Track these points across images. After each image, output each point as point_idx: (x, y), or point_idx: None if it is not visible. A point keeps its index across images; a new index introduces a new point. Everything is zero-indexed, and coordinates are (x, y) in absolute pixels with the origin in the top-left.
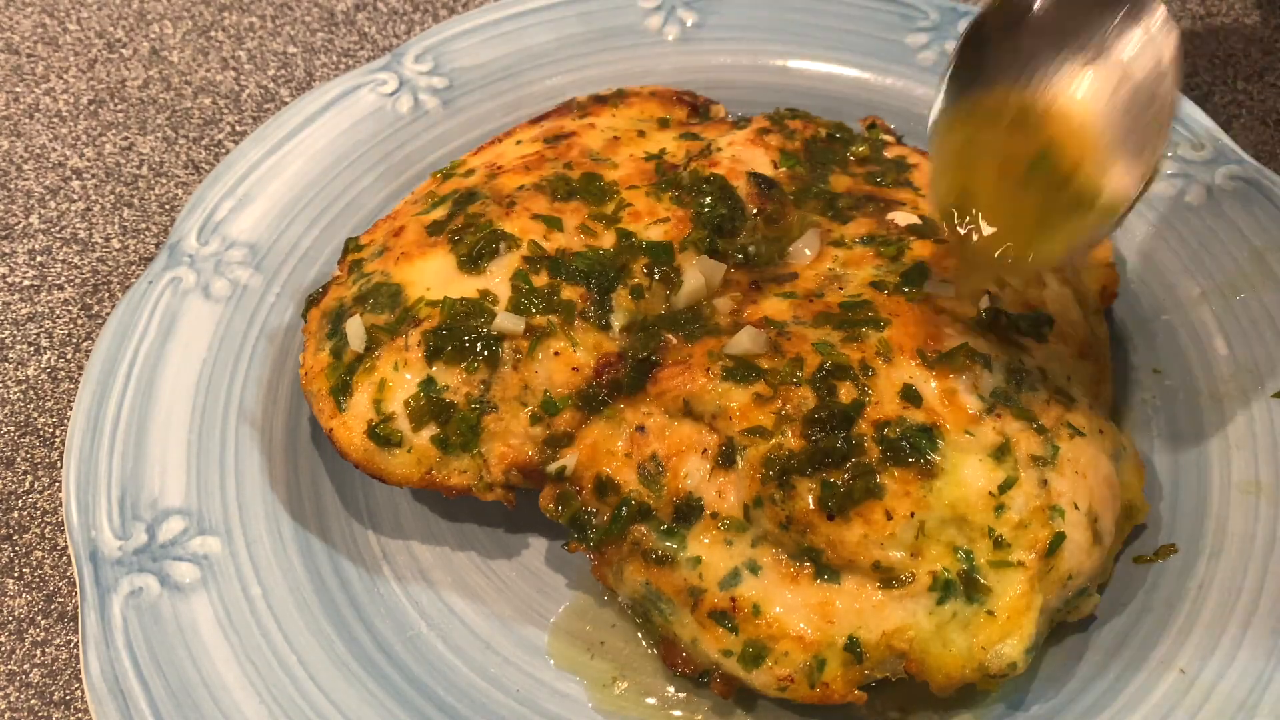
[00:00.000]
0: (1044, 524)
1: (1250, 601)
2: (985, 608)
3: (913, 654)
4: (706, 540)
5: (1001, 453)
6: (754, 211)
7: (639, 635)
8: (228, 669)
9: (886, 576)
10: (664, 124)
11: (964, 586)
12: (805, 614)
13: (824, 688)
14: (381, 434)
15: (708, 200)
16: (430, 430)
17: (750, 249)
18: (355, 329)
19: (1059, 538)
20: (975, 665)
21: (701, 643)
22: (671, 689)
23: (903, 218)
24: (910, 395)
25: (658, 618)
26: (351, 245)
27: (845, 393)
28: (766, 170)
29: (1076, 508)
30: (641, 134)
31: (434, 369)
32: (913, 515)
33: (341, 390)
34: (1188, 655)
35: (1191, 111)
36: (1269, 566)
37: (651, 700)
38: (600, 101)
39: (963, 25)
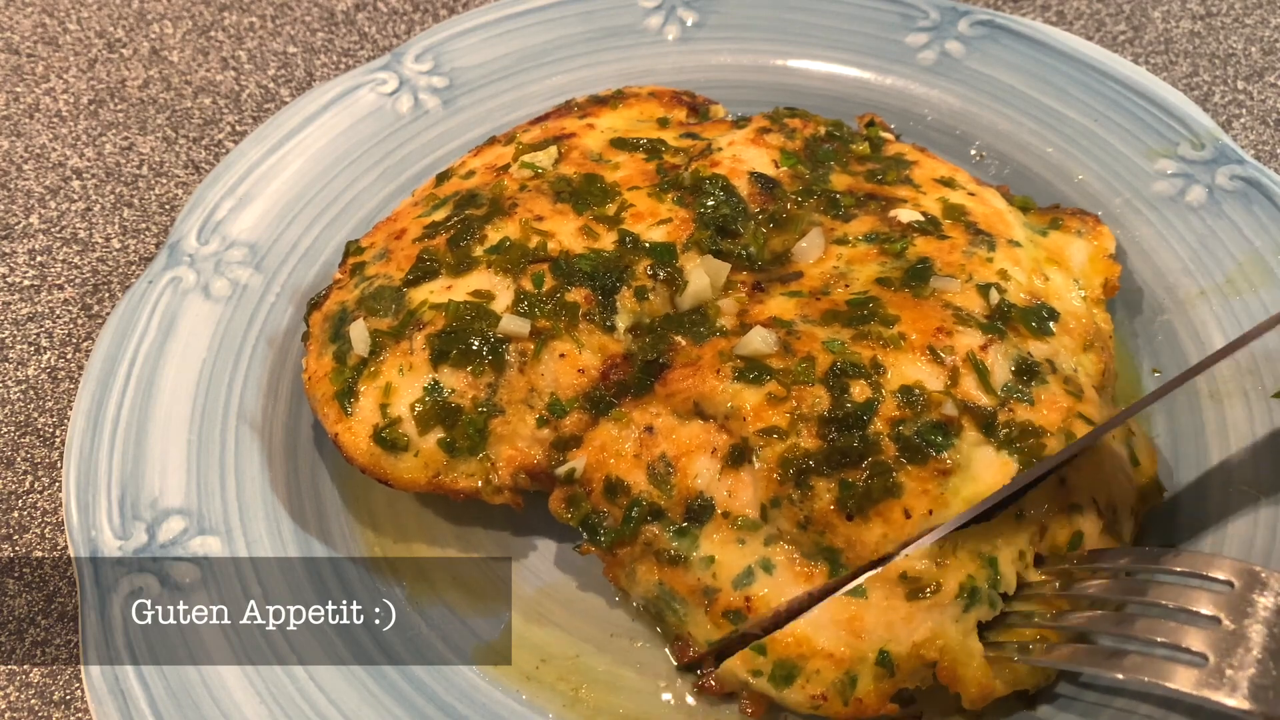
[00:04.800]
0: (1064, 524)
1: None
2: (1011, 614)
3: (944, 663)
4: (718, 539)
5: (1017, 446)
6: (756, 211)
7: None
8: (228, 669)
9: (913, 587)
10: (663, 124)
11: (988, 593)
12: (834, 630)
13: (858, 703)
14: (388, 438)
15: (710, 201)
16: (437, 434)
17: (753, 249)
18: (359, 333)
19: (1077, 537)
20: (1010, 677)
21: (730, 663)
22: (639, 689)
23: (905, 215)
24: (923, 392)
25: (671, 618)
26: (352, 248)
27: (859, 391)
28: (767, 170)
29: (1095, 502)
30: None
31: (439, 372)
32: (931, 513)
33: (346, 395)
34: None
35: (1192, 111)
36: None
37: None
38: (599, 102)
39: (963, 25)
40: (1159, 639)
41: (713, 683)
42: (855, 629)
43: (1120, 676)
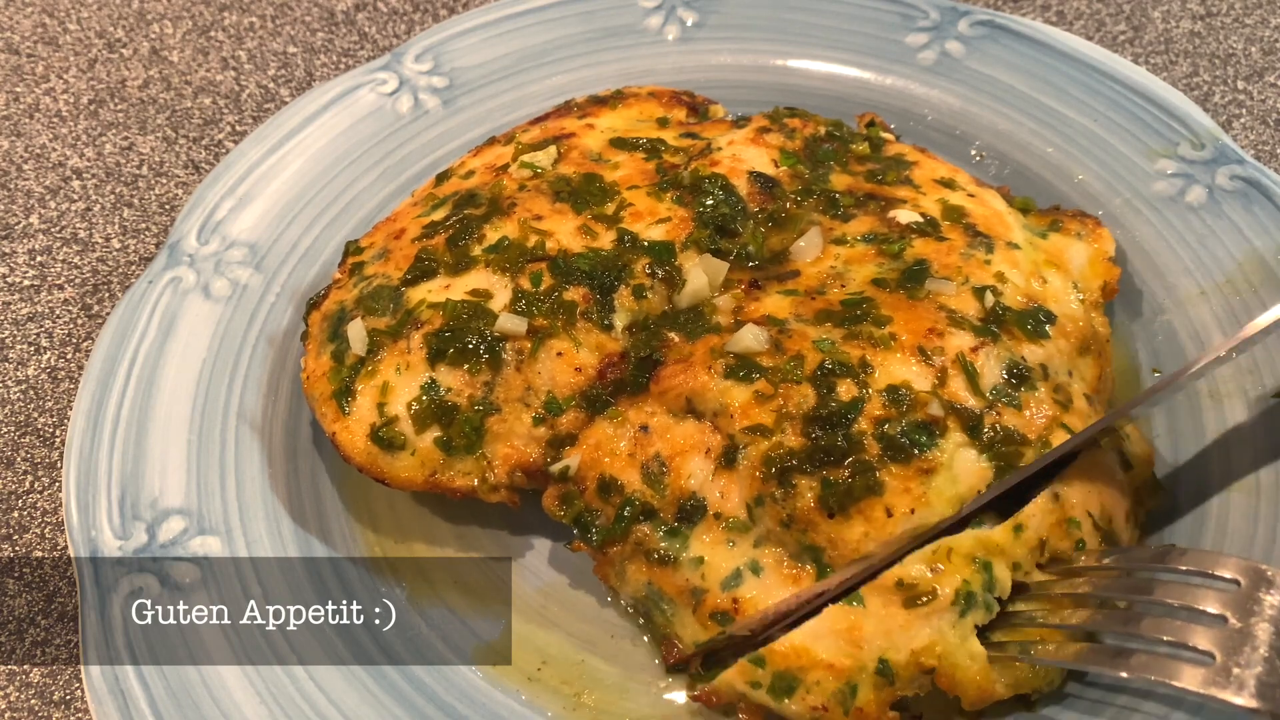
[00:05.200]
0: (1062, 537)
1: None
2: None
3: (942, 668)
4: (708, 540)
5: (996, 450)
6: (755, 210)
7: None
8: (228, 669)
9: (910, 595)
10: (663, 123)
11: (984, 597)
12: (833, 640)
13: (859, 713)
14: (385, 437)
15: (709, 200)
16: (434, 433)
17: (751, 248)
18: (357, 332)
19: (1080, 544)
20: (1011, 680)
21: (727, 675)
22: (640, 692)
23: (904, 215)
24: (910, 392)
25: (659, 617)
26: (352, 248)
27: (845, 390)
28: (767, 169)
29: (1090, 515)
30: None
31: (436, 371)
32: (913, 512)
33: (344, 394)
34: None
35: (1192, 111)
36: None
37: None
38: (599, 102)
39: (963, 25)
40: (1165, 638)
41: (712, 697)
42: (854, 638)
43: (1126, 675)
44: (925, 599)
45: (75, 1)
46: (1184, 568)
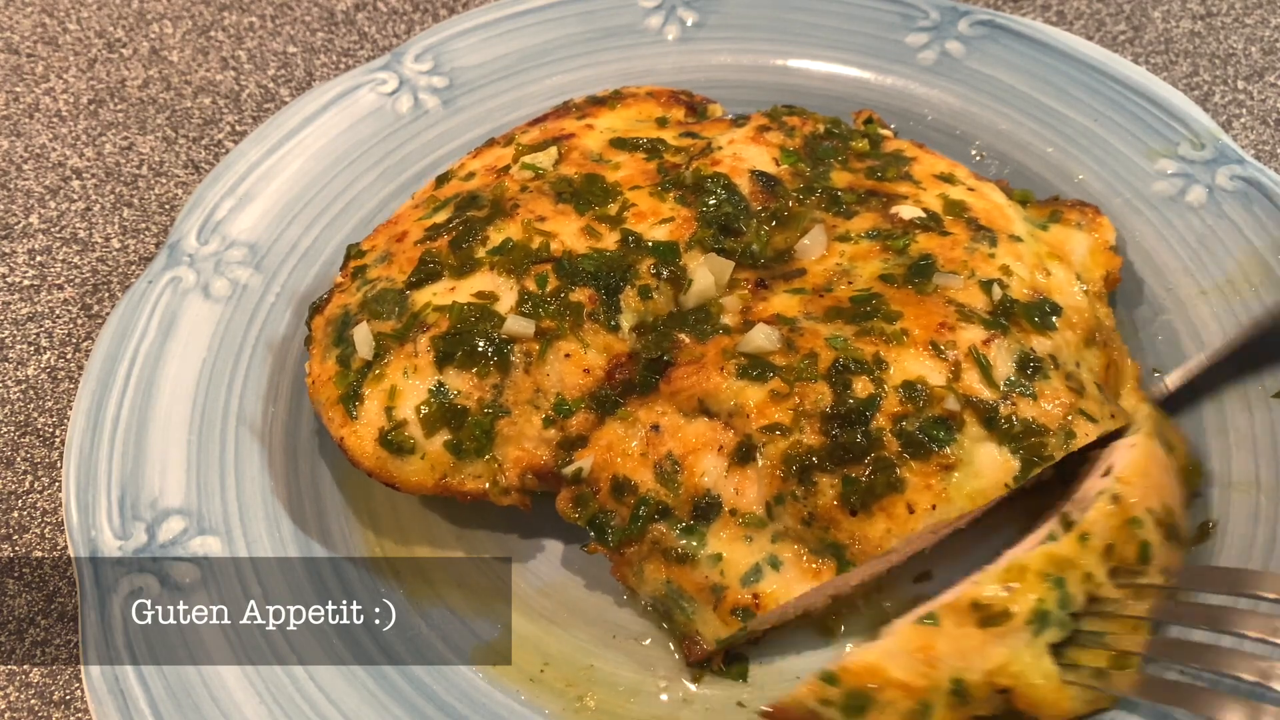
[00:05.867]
0: (1128, 539)
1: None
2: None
3: (1018, 688)
4: (725, 536)
5: (1018, 444)
6: (758, 209)
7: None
8: (228, 669)
9: (985, 615)
10: (662, 123)
11: (1058, 615)
12: (907, 659)
13: None
14: (394, 441)
15: (711, 199)
16: (443, 436)
17: (755, 247)
18: (363, 336)
19: (1145, 548)
20: (1089, 697)
21: (798, 692)
22: (646, 695)
23: (907, 211)
24: (926, 387)
25: (680, 616)
26: (353, 251)
27: (861, 387)
28: (768, 168)
29: (1150, 511)
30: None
31: (445, 374)
32: (934, 508)
33: (351, 398)
34: None
35: (1192, 111)
36: (1269, 566)
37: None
38: (597, 102)
39: (963, 24)
40: (1246, 677)
41: (784, 715)
42: (928, 658)
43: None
44: (1000, 619)
45: (75, 1)
46: (1270, 595)
